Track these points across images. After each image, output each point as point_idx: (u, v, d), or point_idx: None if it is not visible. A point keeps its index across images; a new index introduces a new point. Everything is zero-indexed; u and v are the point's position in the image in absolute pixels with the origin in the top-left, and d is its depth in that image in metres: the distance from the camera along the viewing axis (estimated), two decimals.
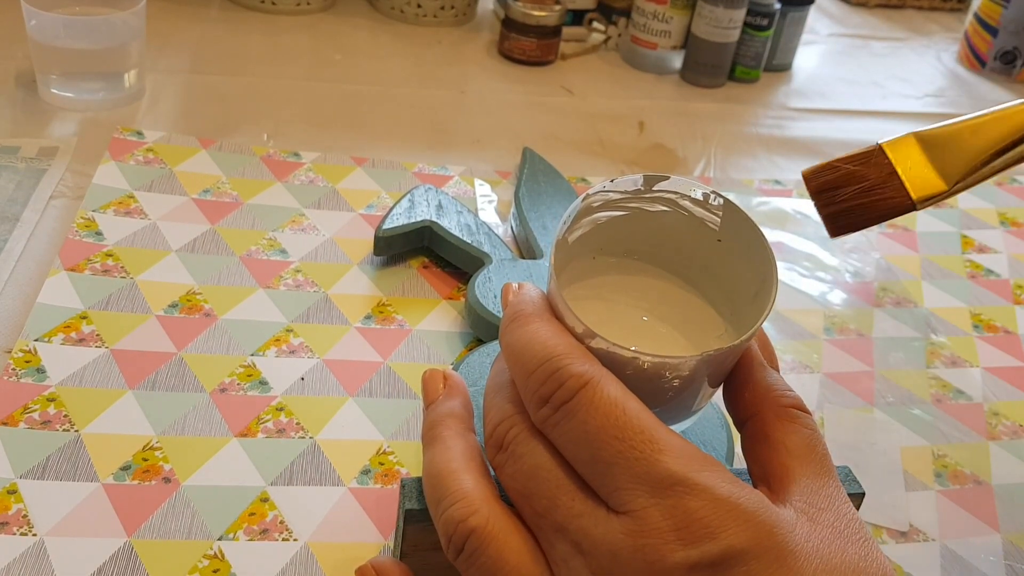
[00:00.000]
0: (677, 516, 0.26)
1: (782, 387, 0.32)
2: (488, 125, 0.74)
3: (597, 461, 0.27)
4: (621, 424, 0.27)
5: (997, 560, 0.43)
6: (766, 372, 0.32)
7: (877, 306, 0.60)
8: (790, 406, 0.31)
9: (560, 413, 0.27)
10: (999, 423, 0.52)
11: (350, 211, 0.60)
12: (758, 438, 0.31)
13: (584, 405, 0.27)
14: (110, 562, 0.37)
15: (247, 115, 0.69)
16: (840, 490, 0.29)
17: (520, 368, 0.29)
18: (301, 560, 0.38)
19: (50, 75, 0.65)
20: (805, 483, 0.29)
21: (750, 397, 0.32)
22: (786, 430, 0.30)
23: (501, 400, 0.30)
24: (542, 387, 0.28)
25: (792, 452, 0.30)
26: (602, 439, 0.27)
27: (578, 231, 0.34)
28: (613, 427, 0.27)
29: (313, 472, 0.42)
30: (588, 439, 0.27)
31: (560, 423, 0.27)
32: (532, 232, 0.57)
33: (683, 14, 0.85)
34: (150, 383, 0.45)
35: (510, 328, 0.30)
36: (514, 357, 0.29)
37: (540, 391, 0.28)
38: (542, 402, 0.28)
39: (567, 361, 0.28)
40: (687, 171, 0.72)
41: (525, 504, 0.29)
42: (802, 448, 0.30)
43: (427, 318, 0.52)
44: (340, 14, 0.89)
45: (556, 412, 0.28)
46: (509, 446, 0.29)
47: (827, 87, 0.91)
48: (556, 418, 0.28)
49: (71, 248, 0.52)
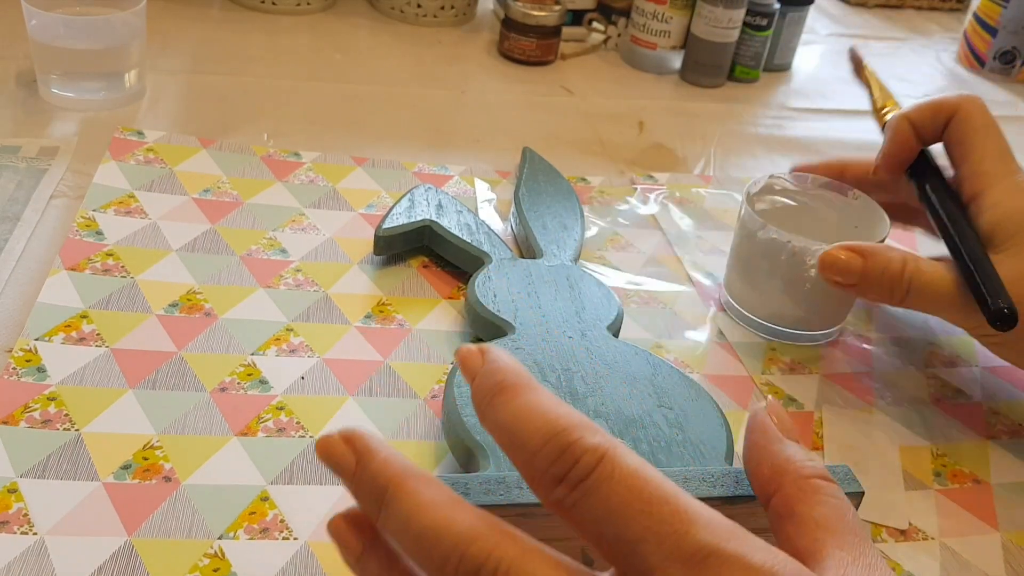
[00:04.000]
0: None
1: (802, 457, 0.30)
2: (488, 125, 0.74)
3: (624, 540, 0.25)
4: (645, 497, 0.25)
5: (996, 559, 0.43)
6: (783, 445, 0.31)
7: (876, 305, 0.60)
8: (812, 476, 0.29)
9: (578, 492, 0.25)
10: (998, 422, 0.52)
11: (350, 211, 0.60)
12: (784, 514, 0.29)
13: (605, 480, 0.25)
14: (110, 561, 0.37)
15: (247, 115, 0.69)
16: (878, 557, 0.28)
17: (520, 447, 0.26)
18: (301, 559, 0.38)
19: (51, 75, 0.65)
20: (839, 555, 0.27)
21: (769, 472, 0.30)
22: (811, 502, 0.29)
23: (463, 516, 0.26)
24: (554, 466, 0.26)
25: (821, 524, 0.28)
26: (628, 514, 0.25)
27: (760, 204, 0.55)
28: (637, 500, 0.25)
29: (313, 471, 0.42)
30: (612, 517, 0.25)
31: (579, 503, 0.25)
32: (532, 232, 0.57)
33: (683, 14, 0.85)
34: (150, 382, 0.45)
35: (497, 403, 0.27)
36: (510, 435, 0.27)
37: (552, 470, 0.26)
38: (556, 482, 0.26)
39: (578, 434, 0.26)
40: (687, 171, 0.72)
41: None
42: (831, 519, 0.28)
43: (427, 317, 0.52)
44: (340, 14, 0.89)
45: (574, 491, 0.25)
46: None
47: (827, 87, 0.91)
48: (574, 497, 0.25)
49: (71, 247, 0.52)
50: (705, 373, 0.52)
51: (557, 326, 0.48)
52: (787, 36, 0.90)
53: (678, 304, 0.57)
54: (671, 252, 0.62)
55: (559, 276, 0.52)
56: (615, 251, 0.61)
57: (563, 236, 0.57)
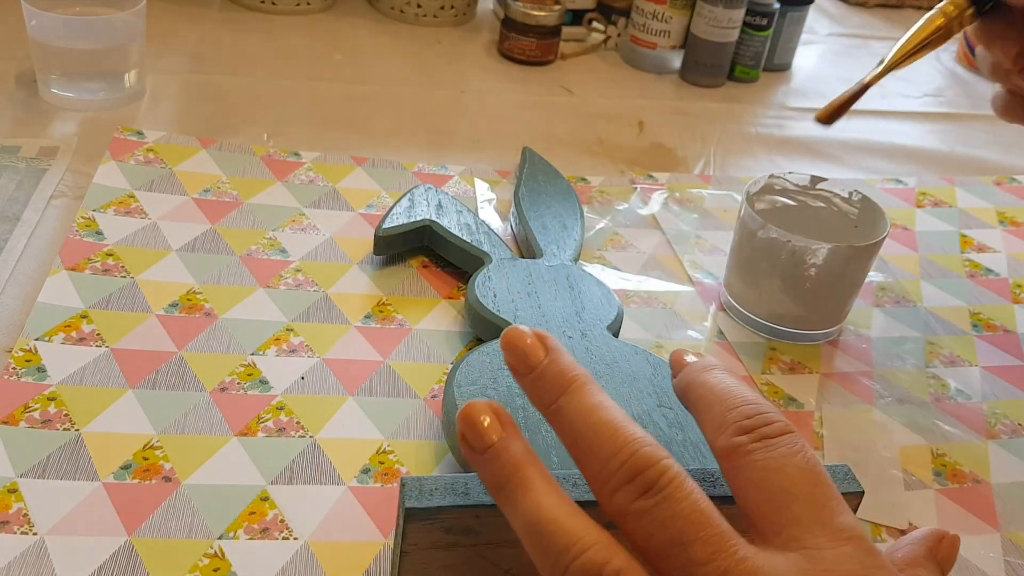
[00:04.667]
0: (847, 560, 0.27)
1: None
2: (488, 125, 0.74)
3: (786, 492, 0.28)
4: (818, 473, 0.28)
5: (996, 558, 0.43)
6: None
7: (876, 305, 0.60)
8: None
9: (762, 444, 0.28)
10: (998, 422, 0.52)
11: (350, 211, 0.60)
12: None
13: (787, 445, 0.28)
14: (110, 561, 0.37)
15: (247, 115, 0.69)
16: None
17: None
18: (301, 559, 0.38)
19: (51, 75, 0.65)
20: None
21: None
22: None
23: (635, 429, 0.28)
24: (746, 420, 0.29)
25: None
26: (799, 479, 0.28)
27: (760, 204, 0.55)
28: (812, 472, 0.28)
29: (313, 471, 0.42)
30: (784, 473, 0.28)
31: (757, 451, 0.28)
32: (532, 232, 0.57)
33: (683, 14, 0.85)
34: (150, 382, 0.45)
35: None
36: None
37: (743, 423, 0.29)
38: (741, 432, 0.29)
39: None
40: (687, 171, 0.72)
41: (677, 554, 0.26)
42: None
43: (427, 317, 0.52)
44: (340, 14, 0.89)
45: (756, 442, 0.28)
46: (665, 488, 0.27)
47: (826, 87, 0.91)
48: (755, 446, 0.28)
49: (71, 247, 0.52)
50: None
51: (557, 326, 0.48)
52: (787, 36, 0.90)
53: (678, 304, 0.57)
54: (671, 252, 0.62)
55: (559, 276, 0.52)
56: (615, 251, 0.61)
57: (563, 236, 0.57)
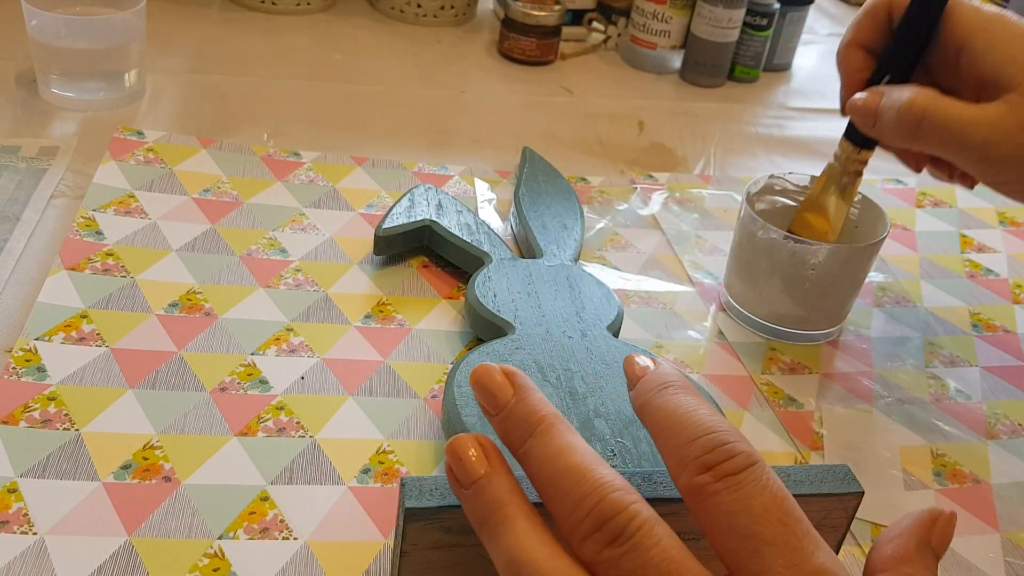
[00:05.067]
0: None
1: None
2: (488, 125, 0.74)
3: (755, 537, 0.27)
4: (785, 509, 0.27)
5: (996, 558, 0.43)
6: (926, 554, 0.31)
7: (876, 305, 0.60)
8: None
9: (724, 483, 0.28)
10: (998, 422, 0.52)
11: (350, 211, 0.60)
12: None
13: (752, 482, 0.28)
14: (110, 561, 0.37)
15: (247, 115, 0.69)
16: None
17: (679, 430, 0.29)
18: (301, 559, 0.38)
19: (51, 75, 0.65)
20: None
21: None
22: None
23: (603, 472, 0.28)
24: (708, 455, 0.28)
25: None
26: (767, 519, 0.27)
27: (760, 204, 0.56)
28: (778, 510, 0.27)
29: (313, 471, 0.42)
30: (751, 514, 0.27)
31: (721, 492, 0.27)
32: (532, 231, 0.57)
33: (683, 14, 0.85)
34: (150, 382, 0.45)
35: (662, 393, 0.30)
36: (669, 420, 0.29)
37: (704, 458, 0.28)
38: (703, 468, 0.28)
39: (734, 438, 0.28)
40: (687, 171, 0.72)
41: None
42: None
43: (427, 317, 0.52)
44: (340, 14, 0.89)
45: (719, 481, 0.28)
46: (633, 536, 0.27)
47: (826, 87, 0.91)
48: (718, 487, 0.28)
49: (71, 247, 0.52)
50: (705, 373, 0.52)
51: (557, 326, 0.48)
52: (787, 36, 0.90)
53: (678, 304, 0.57)
54: (671, 252, 0.62)
55: (559, 276, 0.52)
56: (615, 251, 0.61)
57: (563, 236, 0.57)
